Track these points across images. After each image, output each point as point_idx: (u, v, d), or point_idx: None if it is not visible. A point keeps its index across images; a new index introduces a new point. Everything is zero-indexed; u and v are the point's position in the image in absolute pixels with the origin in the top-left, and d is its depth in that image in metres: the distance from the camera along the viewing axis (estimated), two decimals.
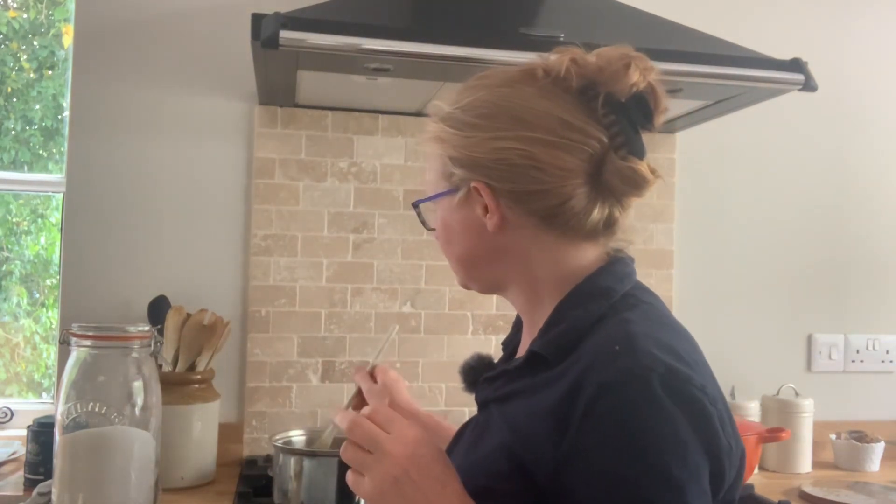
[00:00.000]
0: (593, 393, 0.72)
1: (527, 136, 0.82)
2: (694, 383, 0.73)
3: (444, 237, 0.92)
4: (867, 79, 2.19)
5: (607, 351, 0.75)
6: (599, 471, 0.70)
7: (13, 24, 2.02)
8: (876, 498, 1.68)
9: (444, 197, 0.89)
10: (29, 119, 2.01)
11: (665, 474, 0.69)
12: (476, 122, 0.85)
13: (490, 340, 1.93)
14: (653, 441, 0.70)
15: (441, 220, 0.91)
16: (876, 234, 2.18)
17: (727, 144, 2.09)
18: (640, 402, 0.71)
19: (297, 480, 1.39)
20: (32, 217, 2.04)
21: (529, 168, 0.82)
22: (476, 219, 0.86)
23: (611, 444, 0.70)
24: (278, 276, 1.84)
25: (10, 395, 1.96)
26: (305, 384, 1.85)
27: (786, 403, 1.95)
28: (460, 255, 0.91)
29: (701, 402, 0.72)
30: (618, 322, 0.79)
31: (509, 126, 0.83)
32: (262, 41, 1.34)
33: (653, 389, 0.71)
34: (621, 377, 0.72)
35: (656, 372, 0.72)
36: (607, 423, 0.71)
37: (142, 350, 1.26)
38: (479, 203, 0.85)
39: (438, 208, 0.91)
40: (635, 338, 0.75)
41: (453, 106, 0.89)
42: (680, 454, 0.70)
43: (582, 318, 0.80)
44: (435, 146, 0.89)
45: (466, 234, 0.88)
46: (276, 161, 1.85)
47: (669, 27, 1.63)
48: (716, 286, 2.09)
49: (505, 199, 0.84)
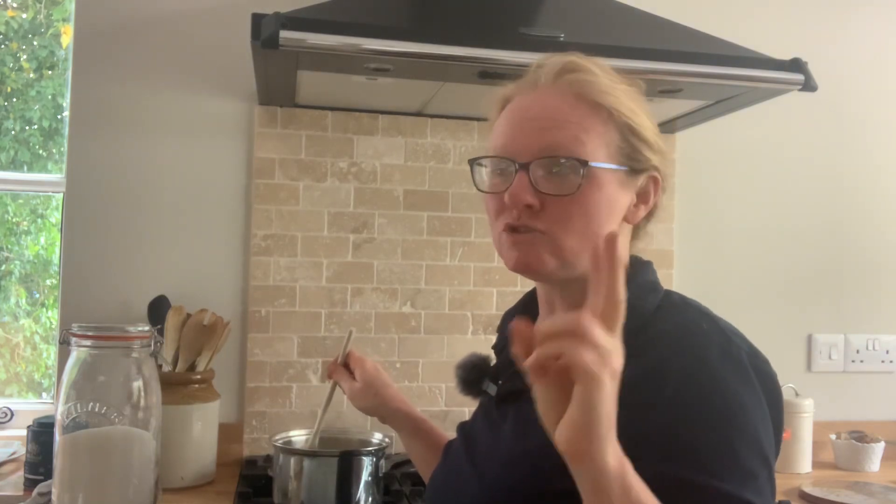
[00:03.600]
0: (687, 365, 0.76)
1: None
2: (769, 365, 0.82)
3: (596, 210, 0.84)
4: (867, 79, 2.19)
5: (696, 332, 0.80)
6: (691, 442, 0.73)
7: (12, 23, 2.02)
8: (876, 498, 1.68)
9: (617, 171, 0.85)
10: (28, 119, 2.01)
11: (758, 442, 0.75)
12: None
13: (490, 340, 1.92)
14: (744, 410, 0.75)
15: (608, 193, 0.85)
16: (876, 234, 2.18)
17: (727, 144, 2.10)
18: (734, 377, 0.77)
19: (297, 480, 1.38)
20: (32, 217, 2.04)
21: (670, 175, 0.91)
22: (625, 204, 0.88)
23: (707, 414, 0.74)
24: (278, 276, 1.84)
25: (10, 395, 1.96)
26: (305, 384, 1.85)
27: (786, 403, 1.93)
28: (593, 233, 0.84)
29: (776, 381, 0.82)
30: (689, 308, 0.86)
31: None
32: (262, 41, 1.34)
33: (745, 366, 0.78)
34: (717, 353, 0.78)
35: (744, 350, 0.79)
36: (704, 394, 0.75)
37: (142, 350, 1.26)
38: (637, 191, 0.88)
39: (604, 179, 0.85)
40: (717, 321, 0.82)
41: (638, 90, 0.90)
42: (765, 426, 0.77)
43: (643, 308, 0.84)
44: (629, 116, 0.86)
45: (611, 216, 0.86)
46: (276, 161, 1.85)
47: (669, 27, 1.63)
48: (716, 286, 2.09)
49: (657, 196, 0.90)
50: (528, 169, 0.84)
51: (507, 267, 0.88)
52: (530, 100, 0.87)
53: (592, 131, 0.84)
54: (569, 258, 0.85)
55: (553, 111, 0.85)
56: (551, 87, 0.87)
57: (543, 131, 0.84)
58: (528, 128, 0.85)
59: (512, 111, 0.89)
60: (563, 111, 0.84)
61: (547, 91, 0.87)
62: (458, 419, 1.38)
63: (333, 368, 1.31)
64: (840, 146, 2.17)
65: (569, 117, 0.84)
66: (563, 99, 0.85)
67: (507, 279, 1.93)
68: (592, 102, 0.84)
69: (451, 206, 1.93)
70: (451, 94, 1.69)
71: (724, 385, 0.76)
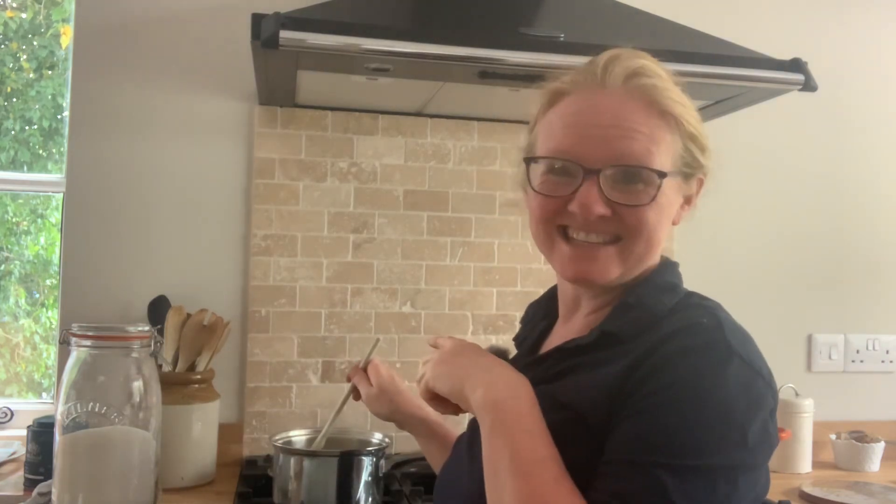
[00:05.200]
0: (667, 355, 0.76)
1: None
2: (764, 375, 0.79)
3: (658, 216, 0.85)
4: (867, 79, 2.19)
5: (694, 323, 0.79)
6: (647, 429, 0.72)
7: (11, 24, 2.02)
8: (876, 498, 1.68)
9: (677, 178, 0.87)
10: (28, 119, 2.01)
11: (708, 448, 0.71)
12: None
13: (490, 340, 1.93)
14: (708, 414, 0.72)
15: (667, 198, 0.86)
16: (876, 234, 2.18)
17: (727, 144, 2.08)
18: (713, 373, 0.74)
19: (297, 480, 1.38)
20: (32, 217, 2.04)
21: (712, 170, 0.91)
22: (675, 208, 0.89)
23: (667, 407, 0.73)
24: (278, 276, 1.84)
25: (10, 395, 1.96)
26: (305, 384, 1.85)
27: (786, 403, 1.94)
28: (657, 241, 0.87)
29: (766, 398, 0.78)
30: (700, 307, 0.84)
31: None
32: (262, 41, 1.34)
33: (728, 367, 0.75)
34: (704, 346, 0.76)
35: (737, 353, 0.76)
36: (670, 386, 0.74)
37: (142, 350, 1.26)
38: (685, 194, 0.89)
39: (666, 185, 0.85)
40: (722, 320, 0.80)
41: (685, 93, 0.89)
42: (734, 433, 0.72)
43: (657, 308, 0.84)
44: (684, 124, 0.87)
45: (669, 220, 0.88)
46: (276, 161, 1.85)
47: (669, 27, 1.63)
48: (716, 286, 2.05)
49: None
50: (598, 176, 0.82)
51: (563, 277, 0.90)
52: (597, 101, 0.84)
53: (662, 142, 0.84)
54: (633, 265, 0.87)
55: (625, 118, 0.83)
56: (621, 90, 0.84)
57: (616, 139, 0.82)
58: (599, 133, 0.83)
59: (576, 112, 0.85)
60: (635, 119, 0.83)
61: (616, 94, 0.84)
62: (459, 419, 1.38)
63: (354, 372, 1.32)
64: (840, 146, 2.17)
65: (641, 126, 0.83)
66: (636, 105, 0.83)
67: (506, 279, 1.93)
68: (662, 111, 0.84)
69: (451, 206, 1.93)
70: (451, 94, 1.69)
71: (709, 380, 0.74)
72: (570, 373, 0.84)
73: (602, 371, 0.79)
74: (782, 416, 1.93)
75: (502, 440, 0.76)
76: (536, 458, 0.73)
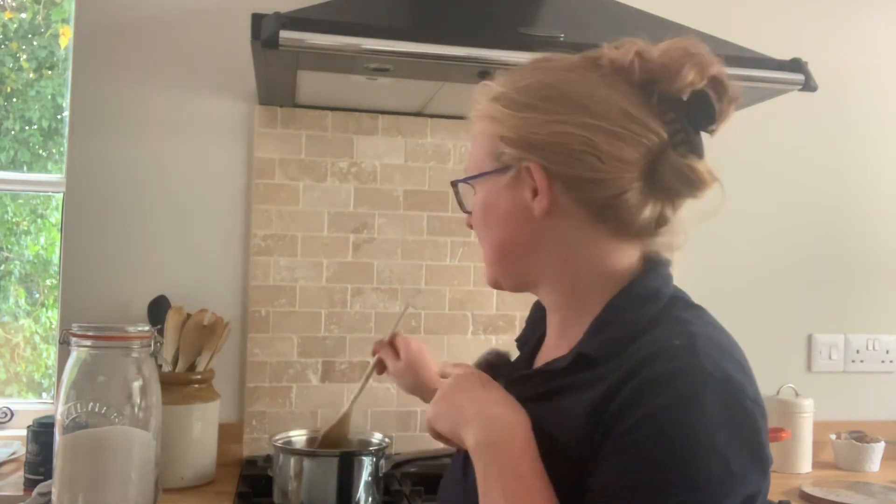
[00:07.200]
0: (640, 385, 0.71)
1: (588, 122, 0.79)
2: (748, 394, 0.72)
3: (483, 221, 0.88)
4: (867, 79, 2.19)
5: (666, 347, 0.73)
6: (632, 469, 0.69)
7: (10, 25, 2.02)
8: (876, 498, 1.68)
9: (489, 177, 0.85)
10: (28, 119, 2.01)
11: (693, 482, 0.67)
12: (534, 104, 0.82)
13: (490, 340, 1.93)
14: (690, 446, 0.68)
15: (483, 201, 0.87)
16: (876, 234, 2.18)
17: (727, 144, 2.08)
18: (688, 403, 0.69)
19: (297, 480, 1.39)
20: (32, 217, 2.04)
21: (587, 155, 0.79)
22: (523, 202, 0.83)
23: (648, 443, 0.69)
24: (278, 276, 1.84)
25: (10, 395, 1.96)
26: (305, 384, 1.85)
27: (786, 403, 1.95)
28: (500, 240, 0.87)
29: (753, 416, 0.71)
30: (676, 322, 0.78)
31: (570, 111, 0.80)
32: (262, 41, 1.34)
33: (704, 393, 0.69)
34: (676, 373, 0.71)
35: (714, 377, 0.70)
36: (649, 419, 0.69)
37: (142, 350, 1.26)
38: (529, 185, 0.82)
39: (481, 189, 0.87)
40: (696, 338, 0.74)
41: (509, 87, 0.85)
42: (717, 464, 0.68)
43: (635, 321, 0.79)
44: (485, 124, 0.86)
45: (510, 219, 0.85)
46: (276, 161, 1.85)
47: (669, 27, 1.63)
48: (715, 286, 2.08)
49: (558, 184, 0.81)
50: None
51: None
52: None
53: (476, 149, 0.89)
54: (497, 274, 0.91)
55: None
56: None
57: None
58: None
59: None
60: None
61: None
62: None
63: (380, 346, 1.33)
64: (840, 146, 2.17)
65: (472, 143, 0.90)
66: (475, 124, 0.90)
67: None
68: (478, 121, 0.89)
69: (451, 206, 1.93)
70: (451, 94, 1.69)
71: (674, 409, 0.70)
72: (554, 395, 0.81)
73: (580, 397, 0.77)
74: (782, 415, 1.93)
75: (493, 484, 0.75)
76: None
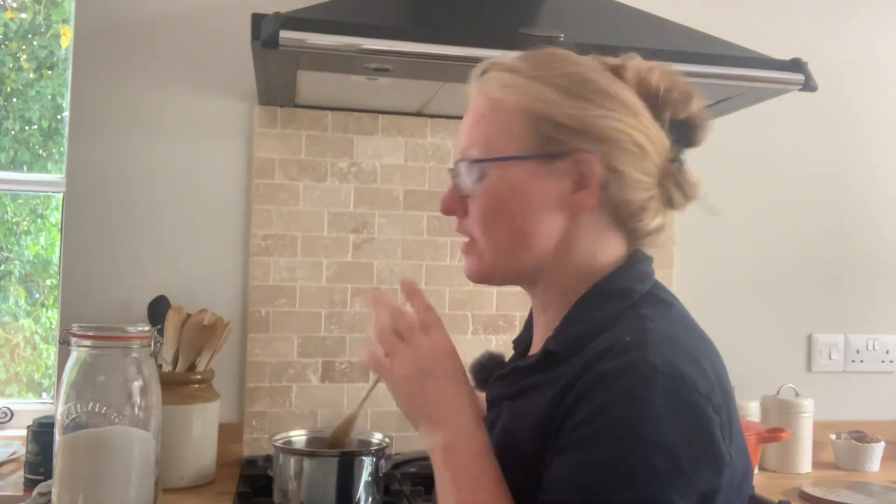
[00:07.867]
0: (590, 382, 0.72)
1: (636, 124, 0.80)
2: (699, 389, 0.71)
3: (497, 207, 0.82)
4: (867, 79, 2.19)
5: (617, 343, 0.73)
6: (577, 465, 0.70)
7: (11, 24, 2.02)
8: (876, 498, 1.68)
9: (531, 161, 0.81)
10: (28, 119, 2.01)
11: (636, 479, 0.67)
12: (585, 95, 0.80)
13: (490, 340, 1.93)
14: (632, 442, 0.68)
15: (508, 186, 0.81)
16: (876, 234, 2.18)
17: (727, 144, 2.09)
18: (633, 399, 0.69)
19: (297, 480, 1.38)
20: (32, 217, 2.04)
21: (637, 157, 0.80)
22: (558, 193, 0.80)
23: (592, 439, 0.70)
24: (278, 276, 1.84)
25: (10, 395, 1.96)
26: (305, 384, 1.85)
27: (786, 403, 1.95)
28: (516, 229, 0.82)
29: (705, 412, 0.70)
30: (634, 318, 0.78)
31: (620, 110, 0.80)
32: (262, 41, 1.34)
33: (650, 389, 0.69)
34: (623, 369, 0.71)
35: (661, 372, 0.70)
36: (594, 415, 0.70)
37: (142, 350, 1.27)
38: (574, 177, 0.80)
39: (500, 173, 0.82)
40: (649, 333, 0.74)
41: (549, 71, 0.82)
42: (663, 460, 0.67)
43: (600, 319, 0.79)
44: (523, 101, 0.81)
45: (539, 207, 0.81)
46: (276, 161, 1.85)
47: (669, 27, 1.63)
48: (716, 286, 2.08)
49: (609, 181, 0.80)
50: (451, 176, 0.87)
51: None
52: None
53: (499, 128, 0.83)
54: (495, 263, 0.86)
55: (468, 117, 0.86)
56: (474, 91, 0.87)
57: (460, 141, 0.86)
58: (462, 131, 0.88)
59: None
60: (475, 115, 0.85)
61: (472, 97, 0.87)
62: None
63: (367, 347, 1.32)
64: (840, 146, 2.17)
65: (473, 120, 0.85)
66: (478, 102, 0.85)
67: None
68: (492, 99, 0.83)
69: None
70: (451, 94, 1.69)
71: (620, 404, 0.70)
72: (523, 393, 0.82)
73: (539, 396, 0.78)
74: (782, 415, 1.93)
75: (448, 482, 0.77)
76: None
